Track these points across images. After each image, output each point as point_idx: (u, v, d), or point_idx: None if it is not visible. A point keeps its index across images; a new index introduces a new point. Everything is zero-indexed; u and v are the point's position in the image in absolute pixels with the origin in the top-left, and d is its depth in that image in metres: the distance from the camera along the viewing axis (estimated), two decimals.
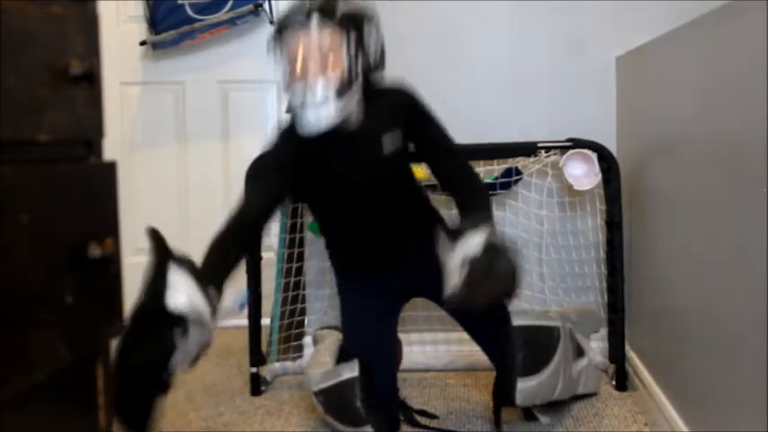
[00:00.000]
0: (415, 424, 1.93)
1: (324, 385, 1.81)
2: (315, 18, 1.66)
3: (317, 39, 1.65)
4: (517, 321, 1.82)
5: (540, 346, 1.84)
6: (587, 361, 2.10)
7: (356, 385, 1.77)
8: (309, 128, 1.66)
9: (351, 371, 1.79)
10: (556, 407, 1.98)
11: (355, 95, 1.70)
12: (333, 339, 2.06)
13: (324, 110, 1.64)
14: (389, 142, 1.76)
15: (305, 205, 2.34)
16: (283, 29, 1.70)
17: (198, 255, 1.39)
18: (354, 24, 1.69)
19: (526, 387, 1.79)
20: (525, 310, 2.00)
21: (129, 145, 2.96)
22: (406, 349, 2.19)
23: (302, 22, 1.67)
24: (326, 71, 1.65)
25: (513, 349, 1.80)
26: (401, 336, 2.12)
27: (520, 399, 1.80)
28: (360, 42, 1.69)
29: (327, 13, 1.67)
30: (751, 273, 1.23)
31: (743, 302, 1.30)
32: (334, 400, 1.80)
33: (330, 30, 1.67)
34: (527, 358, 1.81)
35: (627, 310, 2.17)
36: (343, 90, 1.66)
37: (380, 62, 1.75)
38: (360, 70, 1.69)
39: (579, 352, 2.05)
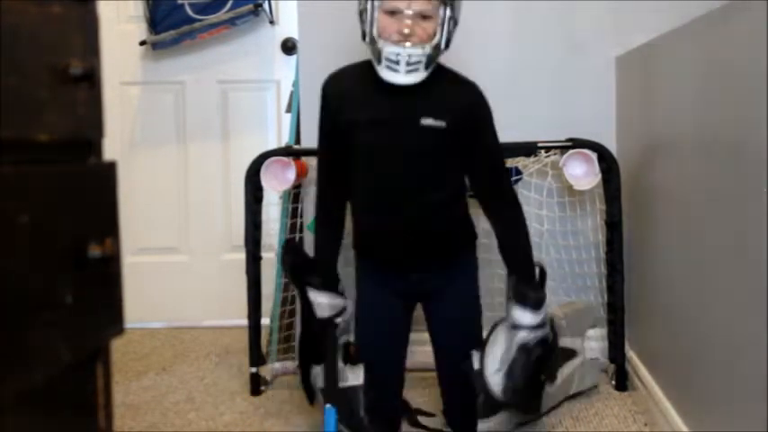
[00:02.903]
0: (416, 425, 1.93)
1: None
2: None
3: (422, 3, 1.65)
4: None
5: None
6: (581, 359, 2.09)
7: (360, 393, 1.76)
8: (391, 81, 1.67)
9: (356, 378, 1.77)
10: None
11: (435, 66, 1.71)
12: None
13: (413, 76, 1.66)
14: (430, 120, 1.72)
15: (304, 206, 2.34)
16: None
17: (197, 253, 1.38)
18: None
19: (482, 429, 1.80)
20: None
21: (129, 145, 2.96)
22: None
23: None
24: (425, 38, 1.66)
25: (474, 392, 1.77)
26: None
27: None
28: (452, 15, 1.70)
29: None
30: (751, 273, 1.24)
31: (743, 302, 1.30)
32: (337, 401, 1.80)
33: None
34: (487, 401, 1.77)
35: (627, 309, 2.17)
36: (431, 61, 1.68)
37: (450, 41, 1.74)
38: (446, 43, 1.71)
39: (567, 356, 2.05)
